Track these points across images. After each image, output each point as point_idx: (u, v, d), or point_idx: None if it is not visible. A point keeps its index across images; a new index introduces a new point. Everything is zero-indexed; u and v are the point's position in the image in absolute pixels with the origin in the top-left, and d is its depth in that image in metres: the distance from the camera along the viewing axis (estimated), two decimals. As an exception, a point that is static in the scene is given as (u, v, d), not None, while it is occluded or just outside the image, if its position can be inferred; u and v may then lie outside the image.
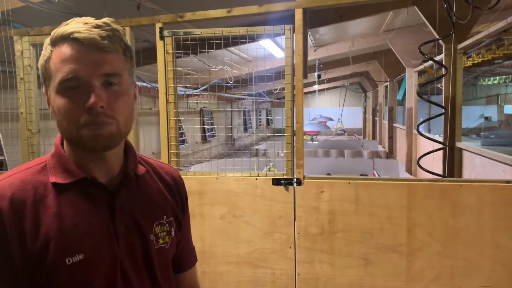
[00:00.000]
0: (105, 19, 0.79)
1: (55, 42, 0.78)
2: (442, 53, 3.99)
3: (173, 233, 0.93)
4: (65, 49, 0.76)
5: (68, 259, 0.76)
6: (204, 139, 12.83)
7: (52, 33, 0.78)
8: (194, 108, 11.78)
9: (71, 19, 0.79)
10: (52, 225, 0.77)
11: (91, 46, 0.75)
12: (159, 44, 2.52)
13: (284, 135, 2.45)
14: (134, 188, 0.88)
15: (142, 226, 0.86)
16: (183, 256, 1.04)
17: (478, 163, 4.06)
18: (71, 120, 0.76)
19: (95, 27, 0.76)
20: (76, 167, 0.82)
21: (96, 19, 0.79)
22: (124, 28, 2.47)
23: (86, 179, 0.81)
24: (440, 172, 3.72)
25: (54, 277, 0.76)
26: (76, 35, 0.75)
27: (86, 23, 0.77)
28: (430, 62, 5.95)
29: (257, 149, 10.50)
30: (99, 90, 0.76)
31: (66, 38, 0.76)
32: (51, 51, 0.78)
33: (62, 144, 0.85)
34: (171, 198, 0.96)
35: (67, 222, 0.78)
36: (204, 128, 12.98)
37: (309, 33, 6.60)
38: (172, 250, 0.95)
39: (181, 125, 7.97)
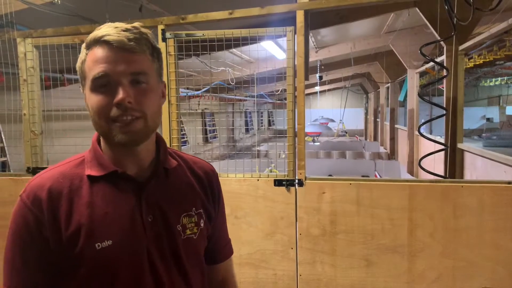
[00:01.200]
0: (135, 23, 0.86)
1: (89, 46, 0.85)
2: (443, 54, 3.99)
3: (202, 225, 0.96)
4: (97, 51, 0.83)
5: (98, 244, 0.83)
6: (206, 140, 12.84)
7: (87, 38, 0.86)
8: (196, 110, 11.80)
9: (104, 24, 0.86)
10: (84, 213, 0.85)
11: (119, 48, 0.82)
12: (161, 46, 2.54)
13: (286, 136, 2.46)
14: (163, 180, 0.94)
15: (169, 217, 0.91)
16: (217, 248, 1.08)
17: (479, 164, 4.06)
18: (102, 114, 0.83)
19: (124, 31, 0.83)
20: (109, 161, 0.89)
21: (128, 23, 0.86)
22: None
23: (117, 172, 0.88)
24: (442, 173, 3.72)
25: (85, 261, 0.83)
26: (106, 38, 0.82)
27: (116, 27, 0.84)
28: (432, 63, 5.95)
29: (258, 150, 10.49)
30: (127, 87, 0.82)
31: (98, 41, 0.84)
32: (86, 54, 0.86)
33: (98, 141, 0.93)
34: (202, 191, 1.00)
35: (98, 211, 0.86)
36: (205, 129, 12.99)
37: (311, 34, 6.60)
38: (202, 241, 0.98)
39: (183, 126, 7.97)
